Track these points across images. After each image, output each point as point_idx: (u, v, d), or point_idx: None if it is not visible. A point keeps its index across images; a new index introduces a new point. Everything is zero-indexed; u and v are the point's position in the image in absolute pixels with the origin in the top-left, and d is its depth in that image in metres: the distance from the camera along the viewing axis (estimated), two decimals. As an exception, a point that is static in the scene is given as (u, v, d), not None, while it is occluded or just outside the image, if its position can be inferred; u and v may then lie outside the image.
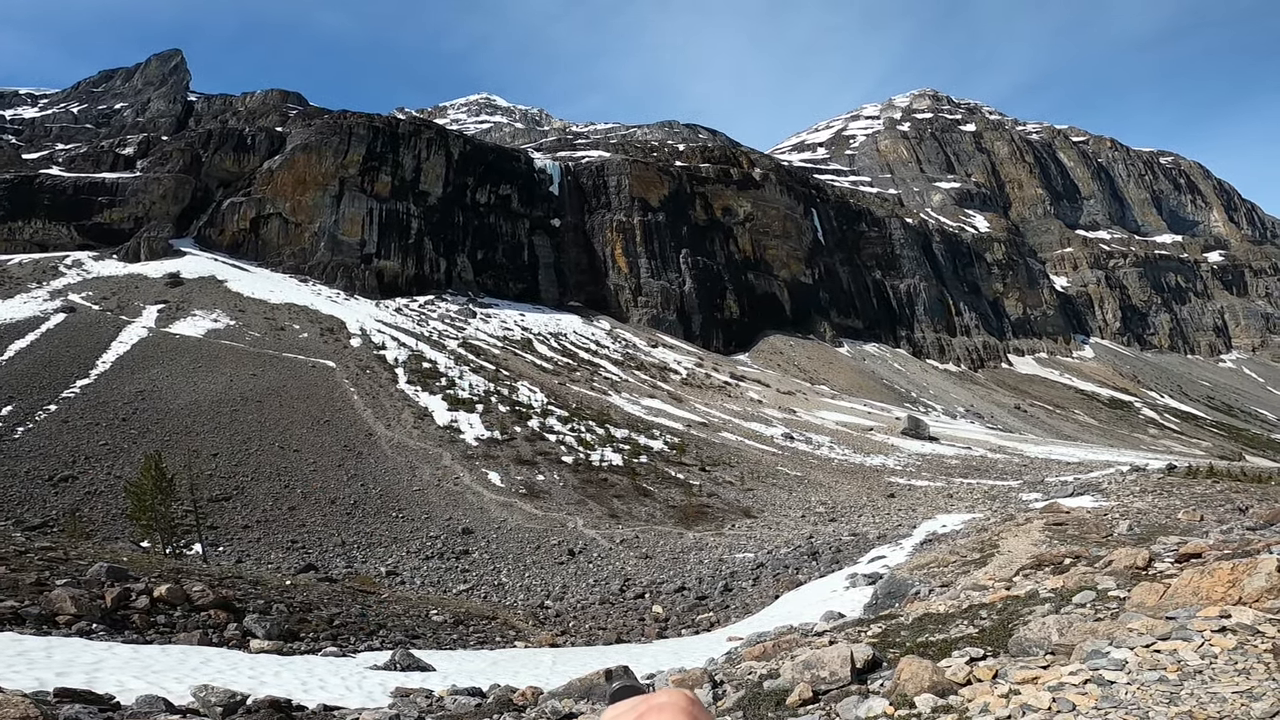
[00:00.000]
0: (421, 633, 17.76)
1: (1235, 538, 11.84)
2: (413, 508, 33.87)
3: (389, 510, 33.18)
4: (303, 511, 31.83)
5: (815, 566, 26.72)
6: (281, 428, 41.26)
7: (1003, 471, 52.37)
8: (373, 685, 10.92)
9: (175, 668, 10.00)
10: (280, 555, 27.37)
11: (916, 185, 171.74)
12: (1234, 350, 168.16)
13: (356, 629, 16.35)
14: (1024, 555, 16.17)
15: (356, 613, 17.51)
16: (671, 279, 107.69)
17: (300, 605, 16.70)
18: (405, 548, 29.44)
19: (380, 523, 31.71)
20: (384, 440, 42.11)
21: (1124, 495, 31.52)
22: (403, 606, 19.84)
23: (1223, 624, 4.43)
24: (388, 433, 43.42)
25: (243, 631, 13.51)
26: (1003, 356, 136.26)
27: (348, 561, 27.51)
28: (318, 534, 29.83)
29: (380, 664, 12.76)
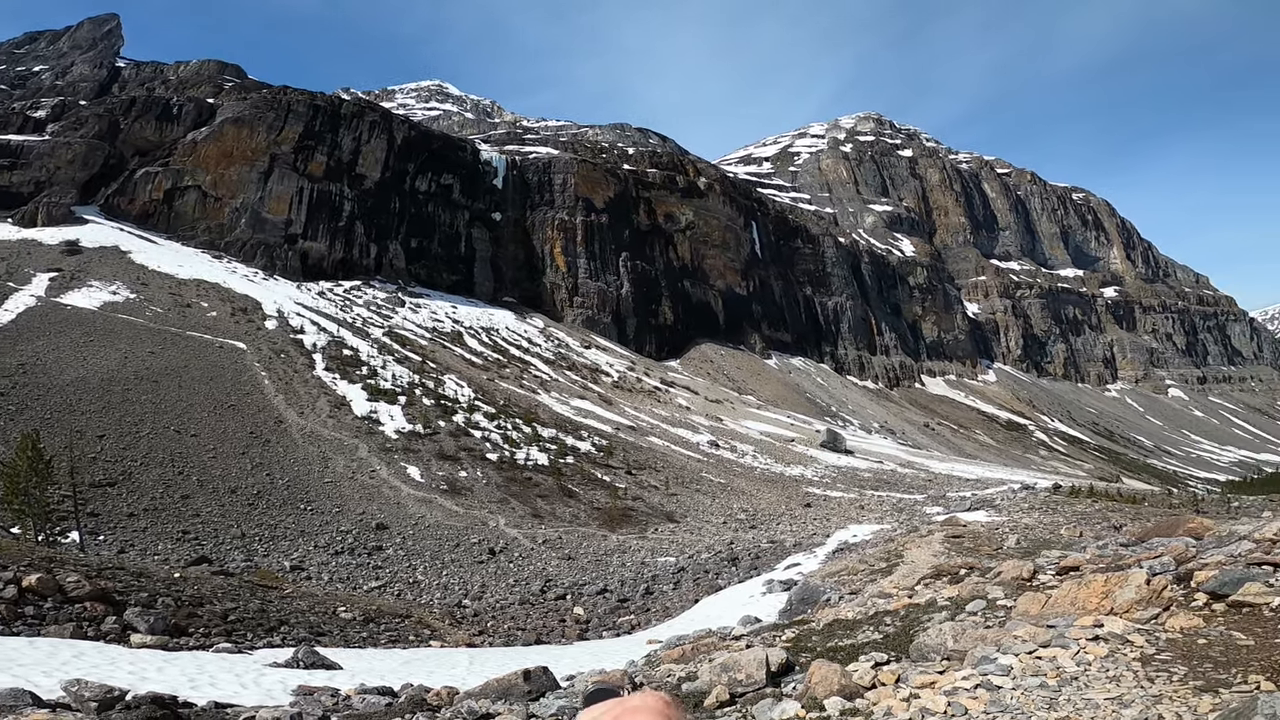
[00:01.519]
0: (328, 630, 17.00)
1: (1110, 553, 12.81)
2: (323, 500, 32.38)
3: (296, 502, 31.58)
4: (198, 500, 29.84)
5: (735, 572, 27.34)
6: (179, 410, 38.56)
7: (910, 486, 55.12)
8: (272, 683, 10.37)
9: (44, 661, 9.21)
10: (170, 546, 25.57)
11: (852, 206, 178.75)
12: (1119, 381, 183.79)
13: (254, 625, 15.49)
14: (925, 565, 17.03)
15: (255, 608, 16.57)
16: (609, 281, 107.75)
17: (191, 599, 15.67)
18: (313, 542, 28.10)
19: (286, 515, 30.14)
20: (295, 428, 40.08)
21: (1014, 511, 33.83)
22: (307, 603, 18.95)
23: (1096, 633, 4.72)
24: (300, 421, 41.36)
25: (123, 625, 12.55)
26: (917, 376, 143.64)
27: (247, 555, 25.99)
28: (214, 525, 28.03)
29: (281, 661, 12.14)
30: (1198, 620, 4.53)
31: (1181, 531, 12.00)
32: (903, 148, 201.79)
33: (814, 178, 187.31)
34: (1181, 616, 4.64)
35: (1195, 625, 4.42)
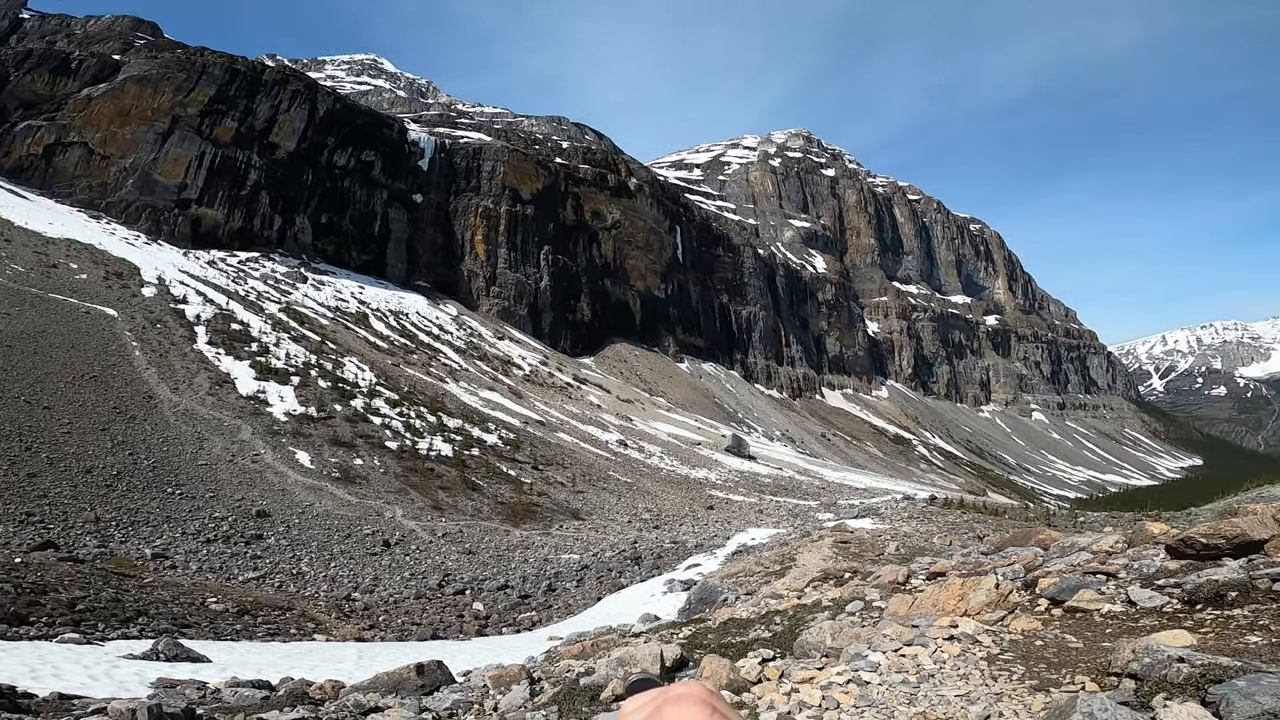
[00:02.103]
0: (195, 622, 15.81)
1: (972, 560, 13.95)
2: (195, 484, 29.98)
3: (163, 485, 29.06)
4: (46, 479, 26.87)
5: (637, 571, 27.67)
6: (32, 379, 34.56)
7: (805, 492, 57.77)
8: (126, 675, 9.55)
9: None
10: (11, 529, 22.87)
11: (774, 219, 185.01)
12: (992, 403, 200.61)
13: (108, 615, 14.18)
14: (815, 568, 17.91)
15: (109, 597, 15.17)
16: (529, 274, 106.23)
17: (33, 586, 14.16)
18: (181, 528, 25.95)
19: (150, 499, 27.67)
20: (168, 405, 36.90)
21: (896, 520, 36.13)
22: (171, 593, 17.54)
23: (952, 633, 5.11)
24: (173, 397, 38.12)
25: (-49, 616, 11.19)
26: (818, 388, 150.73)
27: (102, 541, 23.65)
28: (64, 507, 25.32)
29: (138, 654, 11.20)
30: (1037, 623, 5.07)
31: (1033, 542, 13.21)
32: (826, 167, 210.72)
33: (741, 188, 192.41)
34: (1024, 619, 5.18)
35: (1035, 628, 4.94)
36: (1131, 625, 4.58)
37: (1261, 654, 3.20)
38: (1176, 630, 3.98)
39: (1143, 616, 4.74)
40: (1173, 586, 5.04)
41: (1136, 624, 4.60)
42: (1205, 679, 2.57)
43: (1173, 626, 4.20)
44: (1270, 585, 4.25)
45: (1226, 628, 3.97)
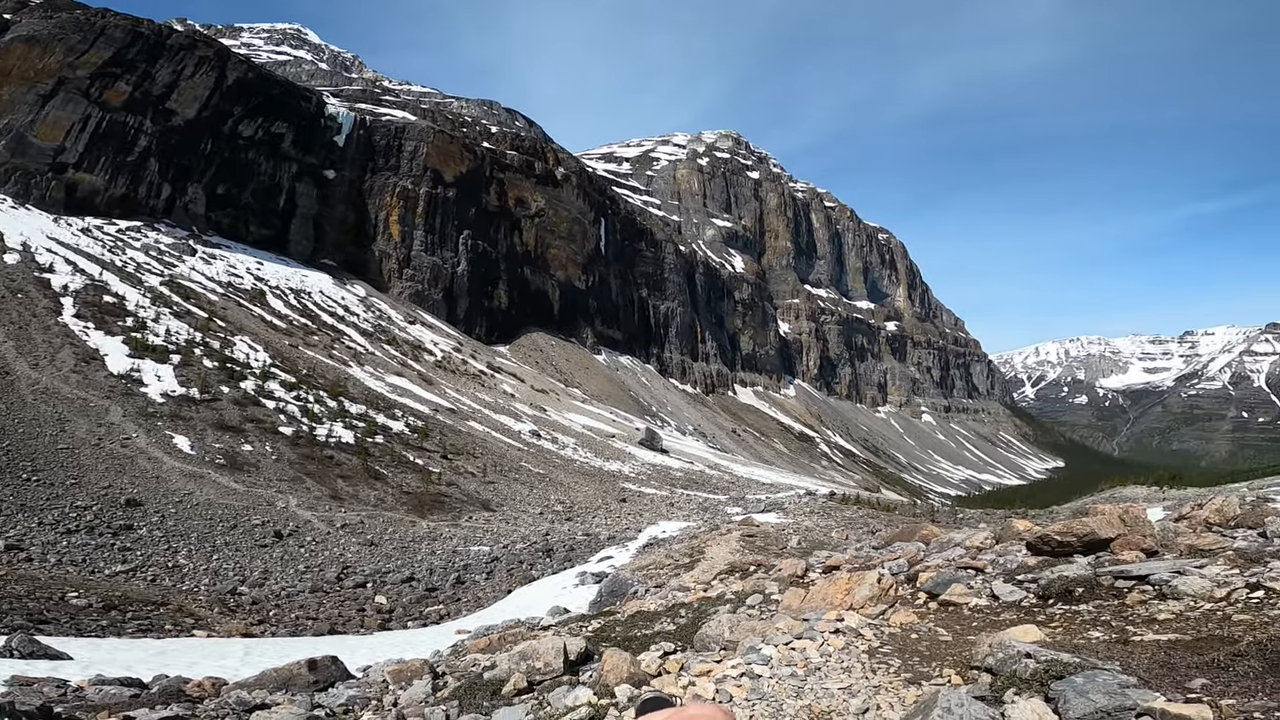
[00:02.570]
0: (54, 618, 14.38)
1: (864, 554, 14.73)
2: (54, 469, 27.16)
3: (16, 470, 26.15)
4: (-125, 463, 23.59)
5: (549, 563, 27.49)
6: None
7: (715, 486, 59.33)
8: (-31, 674, 8.57)
9: None
10: None
11: (697, 217, 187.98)
12: (888, 404, 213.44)
13: (-52, 616, 12.65)
14: (723, 561, 18.43)
15: (-50, 596, 13.53)
16: (446, 257, 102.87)
17: None
18: (37, 518, 23.46)
19: (1, 485, 24.88)
20: (25, 382, 33.20)
21: (799, 514, 37.71)
22: (26, 587, 15.87)
23: (838, 626, 5.31)
24: (32, 374, 34.33)
25: None
26: (730, 385, 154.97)
27: (-56, 533, 21.08)
28: (-101, 494, 22.35)
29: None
30: (914, 616, 5.46)
31: (917, 537, 14.06)
32: (752, 169, 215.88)
33: (668, 185, 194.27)
34: (902, 613, 5.56)
35: (911, 621, 5.31)
36: (994, 619, 5.02)
37: (1099, 650, 3.59)
38: (1028, 625, 4.37)
39: (1004, 610, 5.21)
40: (1030, 581, 5.57)
41: (998, 617, 5.05)
42: (1049, 675, 2.86)
43: (1027, 621, 4.64)
44: (1113, 582, 4.79)
45: (1073, 622, 4.43)
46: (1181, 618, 4.00)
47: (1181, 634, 3.72)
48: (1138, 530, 6.29)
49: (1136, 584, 4.61)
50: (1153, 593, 4.41)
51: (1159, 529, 6.80)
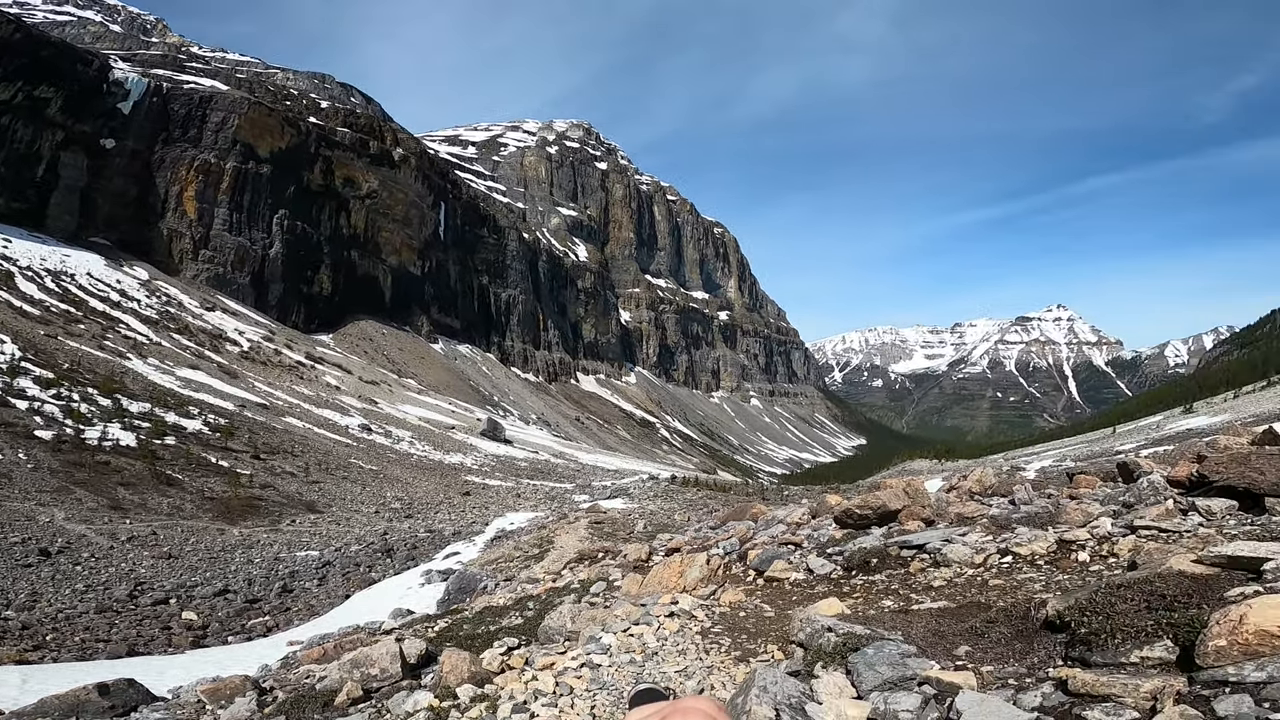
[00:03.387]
0: None
1: (702, 535, 15.47)
2: None
3: None
4: None
5: (390, 564, 26.09)
6: None
7: (561, 475, 59.50)
8: None
9: None
10: None
11: (542, 205, 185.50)
12: (720, 390, 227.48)
13: None
14: (572, 550, 18.52)
15: None
16: (256, 238, 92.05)
17: None
18: None
19: None
20: None
21: (644, 499, 38.90)
22: None
23: (672, 610, 5.47)
24: None
25: None
26: (573, 373, 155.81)
27: None
28: None
29: None
30: (741, 595, 5.89)
31: (748, 516, 15.02)
32: (601, 160, 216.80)
33: (515, 171, 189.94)
34: (731, 592, 5.99)
35: (739, 600, 5.73)
36: (809, 592, 5.58)
37: (886, 620, 4.07)
38: (833, 599, 4.90)
39: (818, 583, 5.81)
40: (837, 554, 6.28)
41: (813, 590, 5.62)
42: (846, 648, 3.24)
43: (834, 594, 5.22)
44: (899, 552, 5.55)
45: (870, 592, 5.04)
46: (951, 584, 4.70)
47: (950, 601, 4.36)
48: (918, 501, 7.34)
49: (917, 553, 5.40)
50: (929, 561, 5.18)
51: (935, 499, 7.98)
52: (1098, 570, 4.20)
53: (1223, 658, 2.59)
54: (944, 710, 2.77)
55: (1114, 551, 4.27)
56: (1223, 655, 2.59)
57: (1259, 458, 4.48)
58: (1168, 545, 3.97)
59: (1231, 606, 2.71)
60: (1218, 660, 2.60)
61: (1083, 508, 5.40)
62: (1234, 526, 4.17)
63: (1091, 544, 4.47)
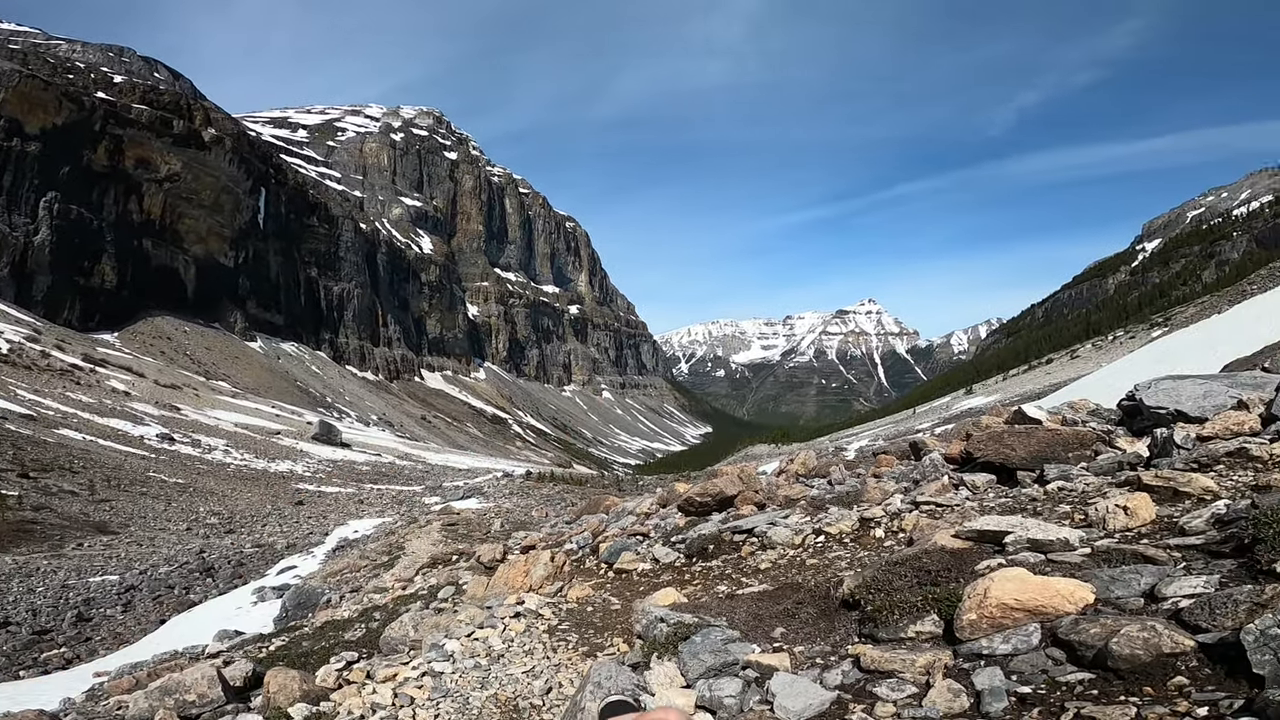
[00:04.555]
0: None
1: (557, 530, 15.45)
2: None
3: None
4: None
5: (212, 583, 23.82)
6: None
7: (409, 477, 56.46)
8: None
9: None
10: None
11: (383, 195, 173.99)
12: (572, 383, 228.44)
13: None
14: (425, 555, 17.78)
15: None
16: (18, 224, 77.27)
17: None
18: None
19: None
20: None
21: (499, 497, 38.02)
22: None
23: (517, 610, 5.43)
24: None
25: None
26: (417, 370, 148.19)
27: None
28: None
29: None
30: (589, 589, 6.01)
31: (601, 509, 15.27)
32: (451, 150, 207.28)
33: (353, 158, 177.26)
34: (578, 587, 6.08)
35: (586, 595, 5.84)
36: (655, 582, 5.83)
37: (714, 607, 4.29)
38: (669, 589, 5.10)
39: (663, 573, 6.08)
40: (680, 542, 6.62)
41: (658, 580, 5.88)
42: (677, 637, 3.41)
43: (678, 582, 5.51)
44: (732, 537, 5.98)
45: (708, 578, 5.36)
46: (775, 565, 5.09)
47: (770, 583, 4.66)
48: (751, 486, 7.96)
49: (747, 537, 5.86)
50: (758, 544, 5.64)
51: (765, 483, 8.68)
52: (890, 546, 4.70)
53: (976, 631, 2.81)
54: (763, 693, 2.91)
55: (902, 527, 4.87)
56: (975, 628, 2.81)
57: (1011, 435, 5.42)
58: (936, 521, 4.60)
59: (979, 580, 2.98)
60: (972, 634, 2.81)
61: (881, 486, 6.17)
62: (993, 499, 4.96)
63: (886, 521, 5.09)
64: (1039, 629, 2.74)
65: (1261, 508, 2.99)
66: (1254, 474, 3.99)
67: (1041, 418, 5.95)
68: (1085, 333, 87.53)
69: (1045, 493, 4.69)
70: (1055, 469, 4.97)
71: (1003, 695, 2.45)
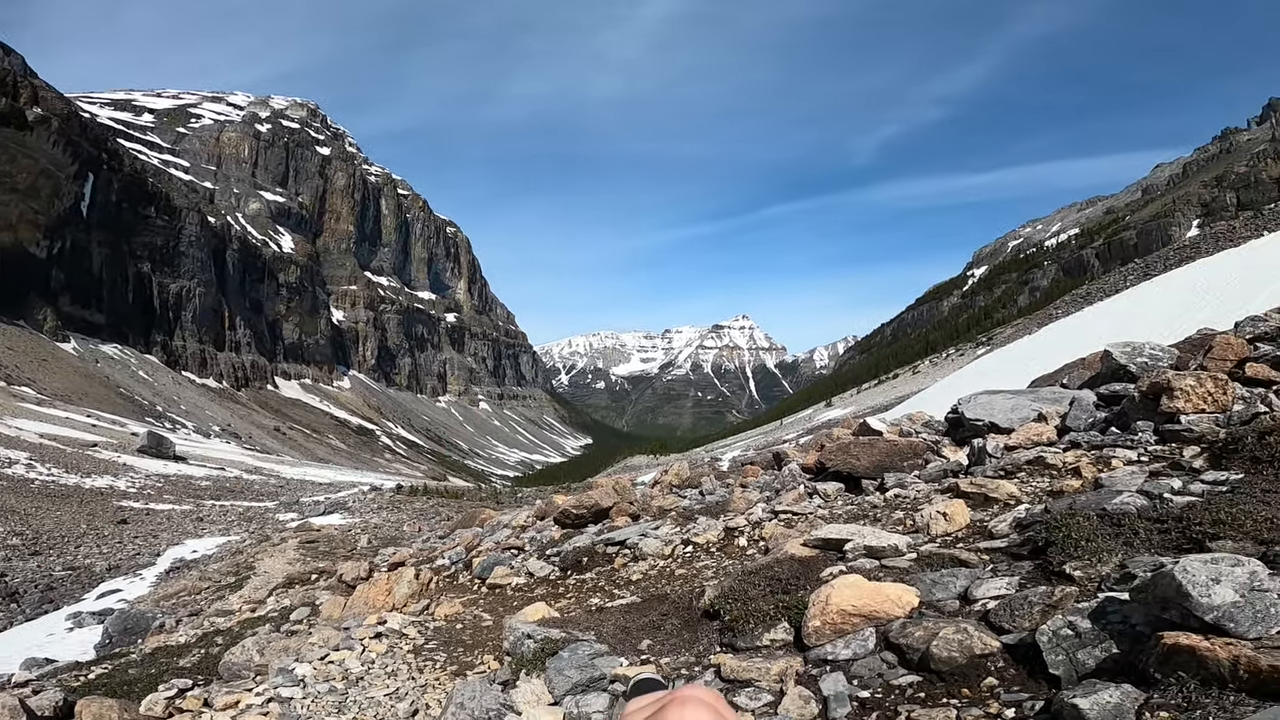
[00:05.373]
0: None
1: (430, 545, 14.85)
2: None
3: None
4: None
5: (18, 610, 21.86)
6: None
7: (259, 493, 52.01)
8: None
9: None
10: None
11: (239, 188, 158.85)
12: (448, 394, 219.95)
13: None
14: (280, 575, 16.75)
15: None
16: None
17: None
18: None
19: None
20: None
21: (366, 512, 36.05)
22: None
23: (379, 630, 5.21)
24: None
25: None
26: (270, 378, 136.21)
27: None
28: None
29: None
30: (459, 606, 5.85)
31: (477, 523, 14.90)
32: (324, 145, 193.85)
33: (207, 147, 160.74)
34: (447, 605, 5.90)
35: (457, 611, 5.68)
36: (529, 596, 5.77)
37: (582, 621, 4.30)
38: (539, 603, 5.06)
39: (537, 586, 6.04)
40: (556, 555, 6.62)
41: (533, 594, 5.83)
42: (544, 653, 3.38)
43: (550, 596, 5.49)
44: (606, 549, 6.06)
45: (581, 591, 5.39)
46: (646, 577, 5.18)
47: (640, 595, 4.71)
48: (626, 497, 8.12)
49: (620, 548, 5.98)
50: (630, 555, 5.77)
51: (640, 494, 8.89)
52: (752, 554, 4.90)
53: (821, 637, 2.92)
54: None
55: (763, 535, 5.15)
56: (820, 635, 2.92)
57: (856, 446, 5.97)
58: (790, 530, 4.93)
59: (822, 588, 3.11)
60: (818, 640, 2.92)
61: (746, 495, 6.55)
62: (841, 507, 5.40)
63: (749, 530, 5.38)
64: (874, 633, 2.89)
65: (1053, 512, 3.35)
66: (1050, 480, 4.49)
67: (882, 429, 6.59)
68: (925, 350, 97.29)
69: (885, 500, 5.16)
70: (893, 477, 5.52)
71: (846, 701, 2.57)
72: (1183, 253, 42.17)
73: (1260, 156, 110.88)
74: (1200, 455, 4.02)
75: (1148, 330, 14.77)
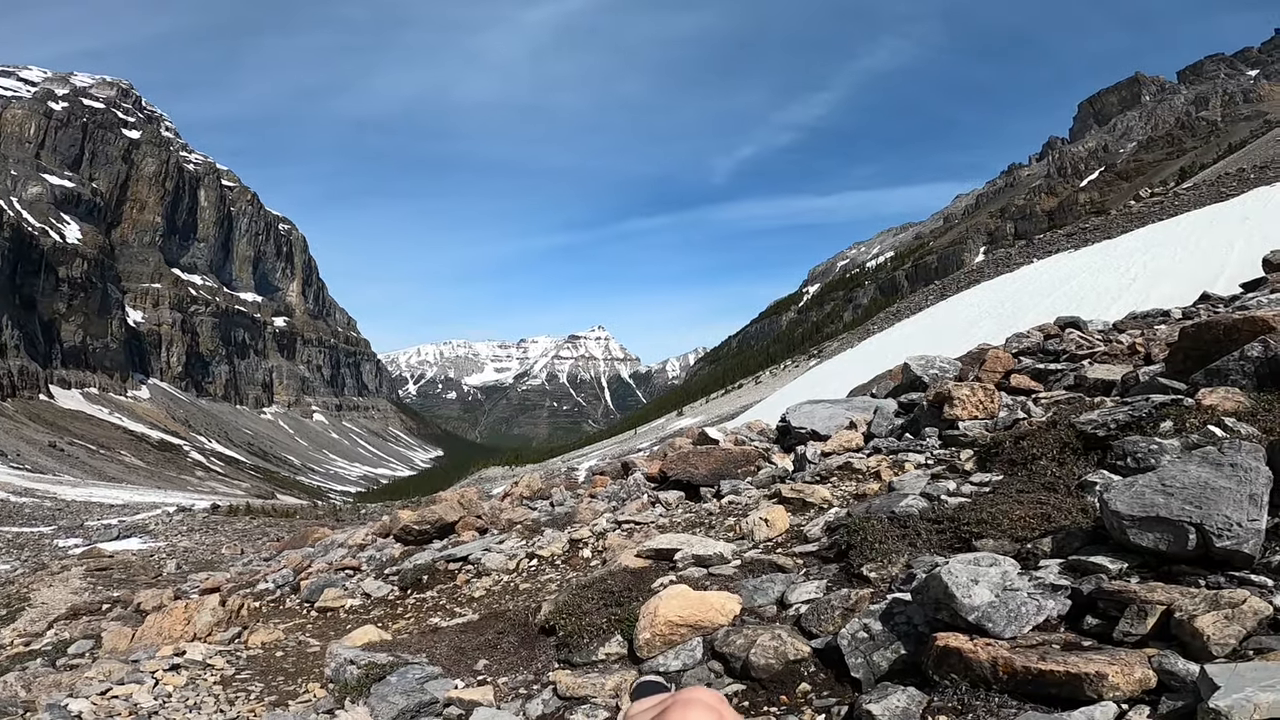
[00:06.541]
0: None
1: (251, 569, 13.50)
2: None
3: None
4: None
5: None
6: None
7: (31, 517, 45.07)
8: None
9: None
10: None
11: (18, 170, 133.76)
12: (275, 404, 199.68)
13: None
14: (63, 605, 14.87)
15: None
16: None
17: None
18: None
19: None
20: None
21: (172, 535, 32.98)
22: None
23: (176, 662, 4.79)
24: None
25: None
26: (44, 387, 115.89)
27: None
28: None
29: None
30: (279, 633, 5.38)
31: (309, 542, 13.81)
32: (134, 128, 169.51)
33: None
34: (264, 632, 5.40)
35: (277, 639, 5.22)
36: (364, 619, 5.44)
37: (413, 643, 4.09)
38: (368, 626, 4.81)
39: (374, 608, 5.72)
40: (395, 574, 6.31)
41: (369, 616, 5.51)
42: (369, 679, 3.25)
43: (387, 617, 5.22)
44: (448, 566, 5.88)
45: (421, 610, 5.18)
46: (490, 593, 5.09)
47: (480, 612, 4.61)
48: (473, 511, 7.94)
49: (463, 564, 5.84)
50: (473, 571, 5.65)
51: (489, 507, 8.74)
52: (595, 566, 4.93)
53: (652, 649, 2.90)
54: (465, 729, 2.76)
55: (607, 546, 5.27)
56: (651, 647, 2.90)
57: (695, 455, 6.33)
58: (627, 541, 5.09)
59: (652, 599, 3.12)
60: (649, 652, 2.90)
61: (593, 506, 6.69)
62: (680, 515, 5.67)
63: (593, 541, 5.48)
64: (701, 643, 2.93)
65: (854, 516, 3.64)
66: (856, 484, 4.95)
67: (720, 438, 7.06)
68: (766, 361, 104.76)
69: (720, 506, 5.51)
70: (729, 484, 5.92)
71: (680, 714, 2.66)
72: (970, 276, 48.92)
73: (1036, 191, 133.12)
74: (972, 459, 4.43)
75: (943, 345, 17.16)
